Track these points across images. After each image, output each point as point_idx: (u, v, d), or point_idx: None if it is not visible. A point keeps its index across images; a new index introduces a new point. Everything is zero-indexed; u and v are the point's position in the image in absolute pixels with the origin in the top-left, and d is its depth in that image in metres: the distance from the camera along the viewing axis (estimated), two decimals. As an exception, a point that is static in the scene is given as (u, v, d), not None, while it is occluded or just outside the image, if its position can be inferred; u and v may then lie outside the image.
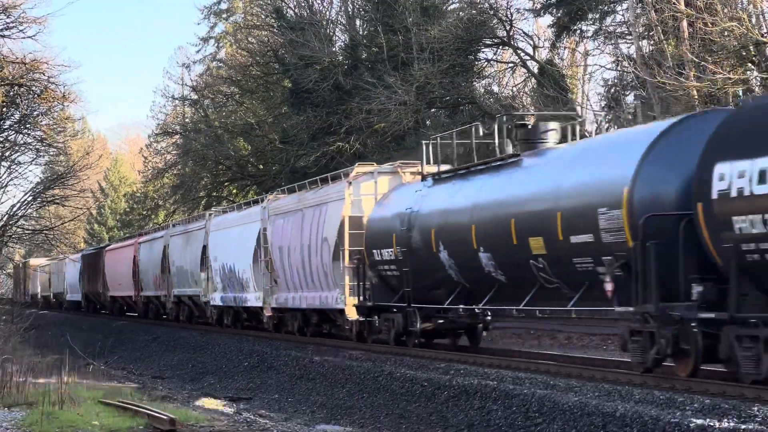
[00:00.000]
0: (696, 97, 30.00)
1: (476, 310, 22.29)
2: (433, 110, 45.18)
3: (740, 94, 27.54)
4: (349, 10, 52.15)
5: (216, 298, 38.79)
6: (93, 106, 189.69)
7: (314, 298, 29.11)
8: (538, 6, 43.31)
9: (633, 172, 16.79)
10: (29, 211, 52.94)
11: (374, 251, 25.80)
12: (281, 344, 30.80)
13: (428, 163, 25.34)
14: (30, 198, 50.51)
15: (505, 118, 23.15)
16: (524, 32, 44.12)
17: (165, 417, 17.38)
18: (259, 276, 33.48)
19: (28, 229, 55.56)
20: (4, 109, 42.39)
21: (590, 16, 41.42)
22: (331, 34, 52.02)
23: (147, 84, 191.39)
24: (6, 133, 45.40)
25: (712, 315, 15.44)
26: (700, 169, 15.38)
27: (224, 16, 69.09)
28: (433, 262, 23.13)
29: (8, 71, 39.46)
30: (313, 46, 47.33)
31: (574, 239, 18.14)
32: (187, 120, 69.40)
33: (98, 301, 62.94)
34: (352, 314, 26.79)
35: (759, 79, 30.54)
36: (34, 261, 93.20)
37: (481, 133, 23.52)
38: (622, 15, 40.74)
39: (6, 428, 17.64)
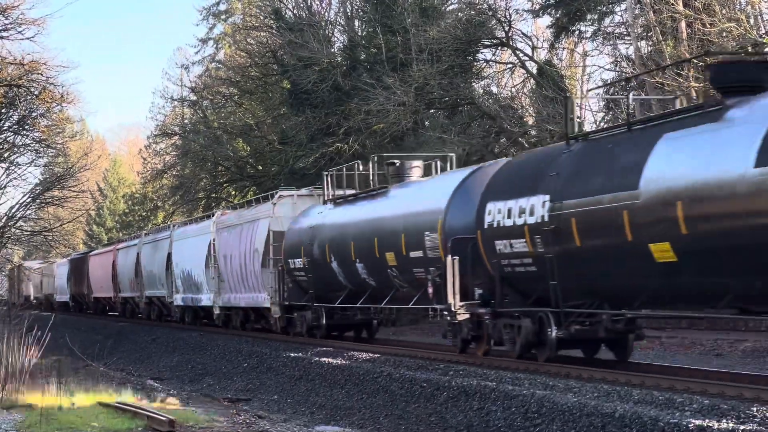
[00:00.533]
0: (695, 97, 30.03)
1: (371, 309, 28.50)
2: (432, 111, 45.18)
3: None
4: (348, 11, 52.16)
5: (178, 299, 44.25)
6: (92, 107, 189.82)
7: (249, 299, 34.96)
8: (537, 7, 43.34)
9: (445, 206, 22.85)
10: (28, 212, 52.96)
11: (290, 260, 31.32)
12: (281, 345, 30.83)
13: (332, 188, 30.57)
14: (29, 199, 50.52)
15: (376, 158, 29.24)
16: (523, 33, 44.12)
17: (164, 418, 17.40)
18: (210, 280, 38.88)
19: (27, 231, 55.57)
20: (3, 111, 42.41)
21: (589, 16, 41.45)
22: (329, 34, 52.02)
23: (146, 85, 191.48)
24: (5, 135, 45.40)
25: (484, 310, 21.46)
26: (479, 206, 21.38)
27: (223, 17, 69.14)
28: (328, 270, 28.78)
29: (7, 72, 39.49)
30: (311, 47, 47.33)
31: (412, 254, 24.06)
32: (186, 121, 69.41)
33: (84, 302, 68.09)
34: (275, 312, 32.56)
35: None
36: (27, 264, 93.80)
37: (371, 169, 29.01)
38: (621, 16, 40.79)
39: (5, 430, 17.65)
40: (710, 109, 16.14)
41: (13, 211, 49.59)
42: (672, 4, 31.27)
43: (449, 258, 21.85)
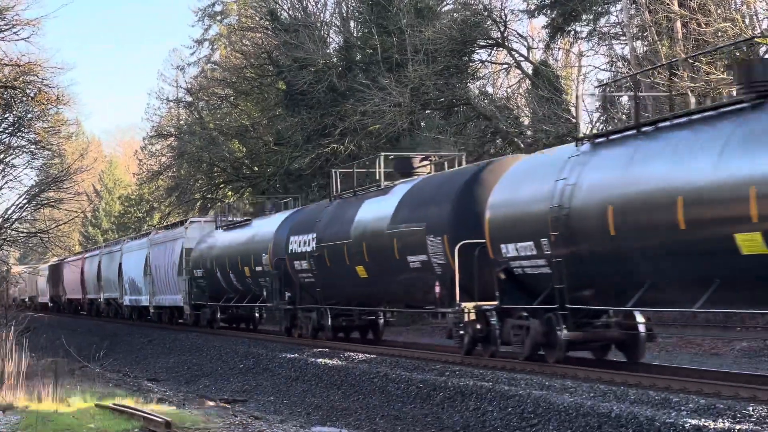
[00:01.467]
0: (691, 97, 30.06)
1: (248, 308, 38.28)
2: (427, 111, 45.21)
3: (734, 94, 27.54)
4: (344, 11, 52.18)
5: (126, 300, 54.53)
6: (87, 109, 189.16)
7: (171, 299, 45.51)
8: (532, 7, 43.37)
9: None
10: (24, 214, 52.85)
11: (194, 270, 41.57)
12: (276, 346, 30.84)
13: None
14: (24, 201, 50.43)
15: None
16: (518, 33, 44.30)
17: (160, 420, 17.38)
18: (147, 284, 48.99)
19: (22, 232, 55.47)
20: (-1, 112, 42.33)
21: (584, 17, 41.49)
22: (325, 35, 52.03)
23: (141, 86, 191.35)
24: (0, 136, 45.34)
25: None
26: (286, 238, 32.15)
27: (218, 18, 69.08)
28: (215, 278, 39.06)
29: (2, 74, 39.43)
30: (307, 48, 47.34)
31: (257, 268, 34.24)
32: (181, 122, 69.38)
33: (59, 303, 77.52)
34: (186, 309, 43.03)
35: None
36: (15, 269, 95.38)
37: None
38: (616, 16, 40.84)
39: (1, 432, 17.63)
40: (383, 188, 27.52)
41: (9, 212, 49.50)
42: (667, 4, 31.30)
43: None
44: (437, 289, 22.91)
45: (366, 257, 26.33)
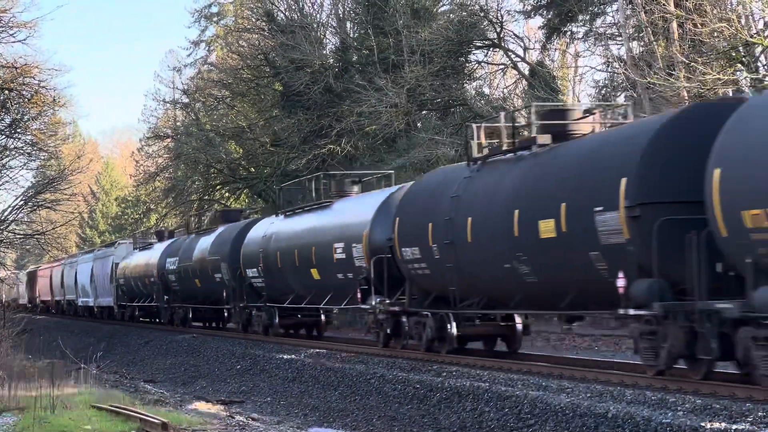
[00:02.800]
0: (686, 97, 30.07)
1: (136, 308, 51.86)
2: (424, 112, 45.20)
3: (730, 94, 27.62)
4: (340, 12, 52.16)
5: (80, 301, 67.38)
6: (84, 110, 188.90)
7: (107, 301, 58.98)
8: (529, 8, 43.37)
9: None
10: (20, 215, 52.82)
11: (119, 279, 54.70)
12: (273, 347, 30.85)
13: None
14: (21, 202, 50.40)
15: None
16: (515, 34, 44.21)
17: (157, 421, 17.37)
18: (93, 289, 62.59)
19: (19, 234, 55.43)
20: (-5, 114, 42.30)
21: (580, 17, 41.49)
22: (321, 36, 51.99)
23: (138, 87, 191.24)
24: (-4, 138, 45.30)
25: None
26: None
27: (215, 19, 68.96)
28: (130, 285, 52.84)
29: (-2, 75, 39.41)
30: (303, 49, 47.32)
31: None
32: (178, 123, 69.29)
33: (35, 304, 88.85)
34: (116, 308, 56.21)
35: (748, 79, 30.61)
36: None
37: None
38: (612, 16, 40.85)
39: (-2, 433, 17.62)
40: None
41: (5, 214, 49.48)
42: (663, 4, 31.31)
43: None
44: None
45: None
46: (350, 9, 51.30)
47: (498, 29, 42.49)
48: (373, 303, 25.16)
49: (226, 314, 40.63)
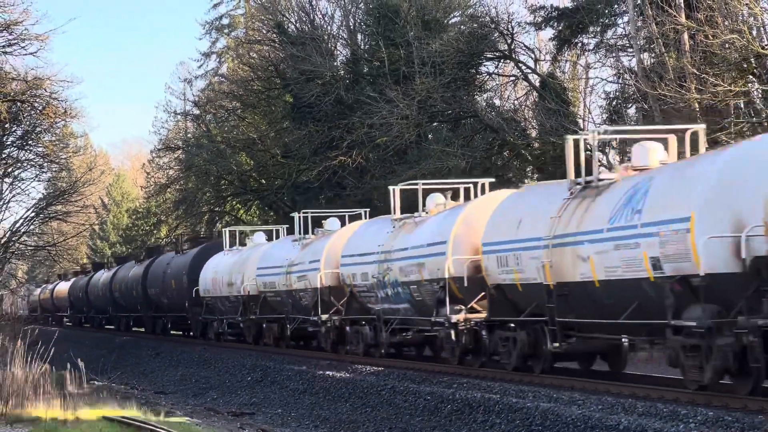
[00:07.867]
0: (697, 109, 30.02)
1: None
2: (435, 124, 45.17)
3: (741, 106, 27.58)
4: (351, 24, 52.23)
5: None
6: (95, 122, 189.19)
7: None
8: (539, 19, 43.32)
9: None
10: (32, 227, 52.98)
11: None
12: (284, 359, 30.85)
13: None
14: (32, 214, 50.56)
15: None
16: (525, 45, 44.14)
17: (168, 432, 17.38)
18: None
19: (30, 246, 55.61)
20: (7, 126, 42.45)
21: (591, 29, 41.42)
22: (332, 48, 52.05)
23: (149, 99, 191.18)
24: (8, 150, 45.47)
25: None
26: None
27: (226, 31, 69.19)
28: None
29: (10, 88, 39.54)
30: (314, 61, 47.38)
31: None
32: (189, 135, 69.39)
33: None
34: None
35: (760, 91, 30.55)
36: None
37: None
38: (623, 28, 40.76)
39: (9, 445, 17.65)
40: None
41: (17, 225, 49.64)
42: (674, 15, 31.28)
43: None
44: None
45: None
46: (361, 21, 51.36)
47: (509, 41, 42.46)
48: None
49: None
